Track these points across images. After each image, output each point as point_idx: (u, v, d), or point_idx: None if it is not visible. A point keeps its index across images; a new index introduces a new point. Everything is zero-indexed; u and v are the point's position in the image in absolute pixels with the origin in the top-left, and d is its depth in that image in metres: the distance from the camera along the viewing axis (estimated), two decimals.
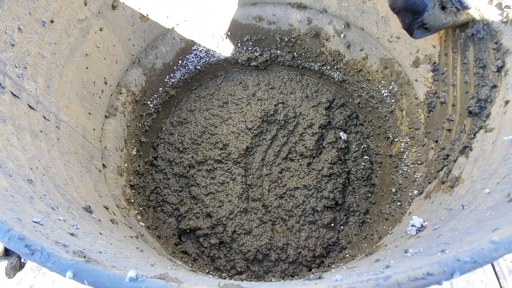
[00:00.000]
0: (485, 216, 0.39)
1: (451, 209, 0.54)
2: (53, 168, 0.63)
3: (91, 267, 0.28)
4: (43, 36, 0.73)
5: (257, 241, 1.05)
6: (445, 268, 0.28)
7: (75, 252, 0.31)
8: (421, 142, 0.91)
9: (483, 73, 0.69)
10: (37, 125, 0.66)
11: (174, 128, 1.24)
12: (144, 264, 0.41)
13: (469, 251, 0.28)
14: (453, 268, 0.28)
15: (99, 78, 0.94)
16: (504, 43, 0.65)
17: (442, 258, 0.29)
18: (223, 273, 1.06)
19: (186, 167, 1.16)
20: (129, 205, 0.95)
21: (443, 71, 0.82)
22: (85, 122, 0.87)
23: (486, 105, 0.67)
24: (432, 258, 0.30)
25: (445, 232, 0.44)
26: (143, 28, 1.05)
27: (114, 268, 0.30)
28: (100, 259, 0.32)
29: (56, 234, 0.36)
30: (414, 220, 0.62)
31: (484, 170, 0.56)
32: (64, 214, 0.48)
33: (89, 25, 0.87)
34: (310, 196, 1.08)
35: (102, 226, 0.60)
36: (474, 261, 0.28)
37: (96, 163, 0.87)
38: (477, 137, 0.67)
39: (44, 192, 0.51)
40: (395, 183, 0.97)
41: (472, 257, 0.28)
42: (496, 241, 0.29)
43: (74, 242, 0.36)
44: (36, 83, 0.70)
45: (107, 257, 0.36)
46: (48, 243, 0.31)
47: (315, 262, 1.04)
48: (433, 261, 0.28)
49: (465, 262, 0.28)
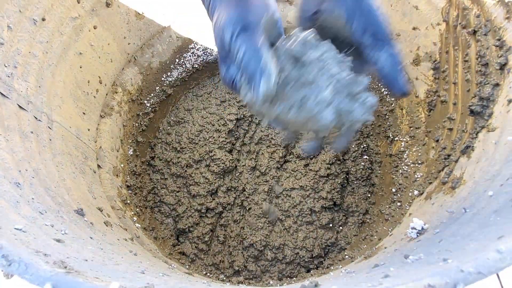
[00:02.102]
0: (489, 221, 0.37)
1: (453, 212, 0.53)
2: (43, 170, 0.61)
3: (71, 279, 0.27)
4: (34, 35, 0.72)
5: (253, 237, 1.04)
6: (447, 280, 0.26)
7: (56, 262, 0.29)
8: (421, 141, 0.90)
9: (485, 71, 0.67)
10: (28, 126, 0.65)
11: (172, 128, 1.22)
12: (134, 272, 0.40)
13: (473, 261, 0.27)
14: (456, 279, 0.26)
15: (94, 77, 0.92)
16: (507, 40, 0.64)
17: (444, 268, 0.27)
18: (221, 273, 1.05)
19: (183, 167, 1.15)
20: (125, 206, 0.93)
21: (444, 69, 0.80)
22: (79, 122, 0.85)
23: (489, 104, 0.65)
24: (434, 268, 0.28)
25: (447, 237, 0.42)
26: (139, 26, 1.03)
27: (96, 279, 0.28)
28: (83, 269, 0.30)
29: (39, 241, 0.35)
30: (415, 222, 0.60)
31: (486, 171, 0.55)
32: (52, 218, 0.47)
33: (83, 23, 0.85)
34: (307, 196, 1.07)
35: (94, 230, 0.59)
36: (479, 272, 0.26)
37: (91, 164, 0.86)
38: (479, 136, 0.65)
39: (32, 196, 0.49)
40: (395, 183, 0.96)
41: (477, 267, 0.26)
42: (501, 250, 0.27)
43: (59, 250, 0.34)
44: (27, 83, 0.69)
45: (93, 266, 0.34)
46: (27, 253, 0.29)
47: (313, 262, 1.03)
48: (435, 272, 0.26)
49: (469, 273, 0.26)
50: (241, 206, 1.11)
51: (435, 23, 0.82)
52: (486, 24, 0.68)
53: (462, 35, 0.74)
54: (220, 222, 1.11)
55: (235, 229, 1.08)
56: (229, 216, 1.10)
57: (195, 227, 1.09)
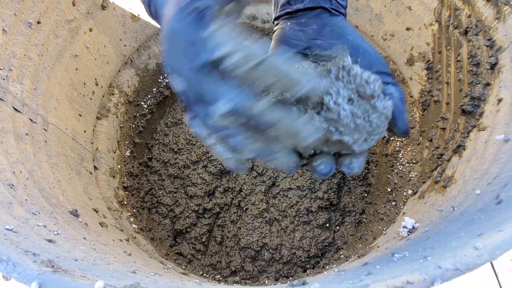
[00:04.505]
0: (473, 218, 0.38)
1: (442, 210, 0.53)
2: (38, 172, 0.62)
3: (57, 277, 0.27)
4: (30, 38, 0.72)
5: (250, 237, 1.04)
6: (425, 276, 0.26)
7: (43, 262, 0.30)
8: (416, 141, 0.90)
9: (476, 70, 0.68)
10: (23, 128, 0.65)
11: (169, 129, 1.23)
12: (125, 271, 0.40)
13: (451, 258, 0.27)
14: (434, 276, 0.26)
15: (90, 79, 0.93)
16: (497, 40, 0.64)
17: (423, 265, 0.27)
18: (218, 273, 1.06)
19: (181, 168, 1.15)
20: (121, 207, 0.94)
21: (437, 69, 0.81)
22: (75, 124, 0.86)
23: (480, 103, 0.66)
24: (413, 265, 0.29)
25: (433, 235, 0.43)
26: (135, 28, 1.04)
27: (83, 278, 0.29)
28: (71, 268, 0.31)
29: (29, 241, 0.35)
30: (406, 221, 0.61)
31: (476, 170, 0.55)
32: (45, 219, 0.48)
33: (78, 26, 0.86)
34: (304, 196, 1.07)
35: (88, 230, 0.59)
36: (456, 269, 0.27)
37: (87, 165, 0.86)
38: (471, 136, 0.66)
39: (26, 197, 0.50)
40: (390, 182, 0.96)
41: (454, 264, 0.27)
42: (479, 247, 0.27)
43: (49, 250, 0.35)
44: (22, 85, 0.69)
45: (83, 265, 0.35)
46: (15, 252, 0.30)
47: (310, 262, 1.03)
48: (414, 269, 0.27)
49: (447, 270, 0.27)
50: (238, 207, 1.11)
51: (428, 23, 0.82)
52: (477, 24, 0.68)
53: (454, 35, 0.74)
54: (217, 222, 1.11)
55: (232, 229, 1.09)
56: (226, 217, 1.11)
57: (192, 227, 1.09)
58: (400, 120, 0.46)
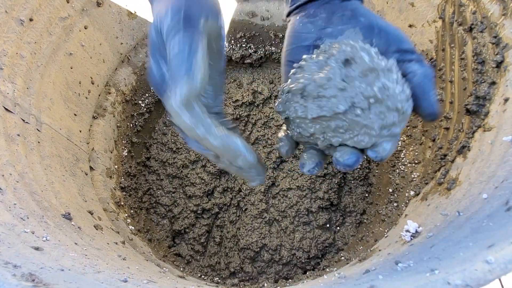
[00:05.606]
0: (481, 226, 0.36)
1: (447, 215, 0.51)
2: (30, 174, 0.60)
3: None
4: (22, 35, 0.70)
5: (250, 237, 1.02)
6: None
7: (24, 275, 0.28)
8: (418, 140, 0.88)
9: (481, 69, 0.66)
10: (14, 128, 0.64)
11: (168, 128, 1.21)
12: (115, 280, 0.38)
13: (461, 272, 0.25)
14: None
15: (85, 78, 0.91)
16: (503, 37, 0.62)
17: (430, 280, 0.25)
18: (217, 274, 1.04)
19: (179, 168, 1.13)
20: (118, 208, 0.92)
21: (441, 67, 0.78)
22: (70, 123, 0.84)
23: (485, 102, 0.64)
24: (420, 280, 0.27)
25: (439, 242, 0.41)
26: (131, 25, 1.01)
27: None
28: (54, 281, 0.29)
29: (12, 251, 0.33)
30: (409, 225, 0.59)
31: (482, 172, 0.53)
32: (34, 224, 0.46)
33: (73, 23, 0.83)
34: (304, 196, 1.05)
35: (81, 234, 0.58)
36: (466, 285, 0.25)
37: (82, 166, 0.84)
38: (475, 136, 0.64)
39: (14, 201, 0.48)
40: (392, 182, 0.94)
41: (464, 279, 0.25)
42: (491, 261, 0.25)
43: (33, 260, 0.33)
44: (14, 85, 0.67)
45: (68, 276, 0.33)
46: None
47: (310, 264, 1.02)
48: (420, 284, 0.25)
49: (456, 286, 0.25)
50: (237, 207, 1.10)
51: (431, 20, 0.80)
52: (483, 21, 0.66)
53: (459, 33, 0.72)
54: (216, 223, 1.09)
55: (231, 230, 1.07)
56: (225, 217, 1.09)
57: (191, 228, 1.08)
58: (425, 100, 0.41)
